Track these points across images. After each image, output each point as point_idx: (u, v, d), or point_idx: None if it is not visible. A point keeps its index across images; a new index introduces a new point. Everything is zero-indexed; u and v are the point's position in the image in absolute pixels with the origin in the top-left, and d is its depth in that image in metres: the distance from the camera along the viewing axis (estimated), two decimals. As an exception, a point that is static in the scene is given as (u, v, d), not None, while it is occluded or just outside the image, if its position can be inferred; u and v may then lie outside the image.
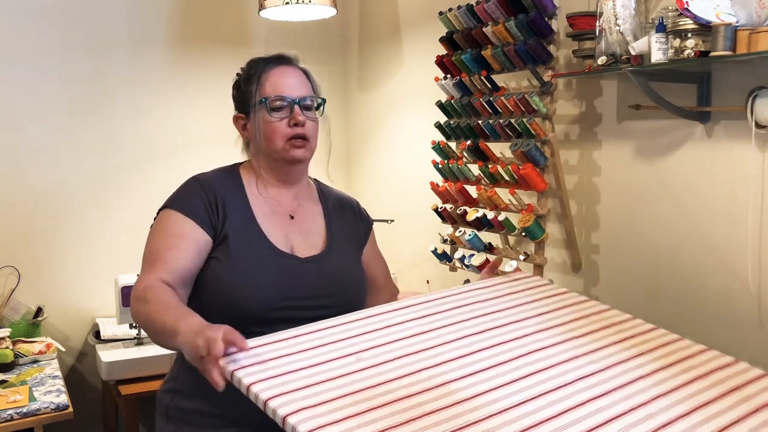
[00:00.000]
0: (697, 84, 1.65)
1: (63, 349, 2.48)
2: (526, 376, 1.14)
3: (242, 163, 1.50)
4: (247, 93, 1.42)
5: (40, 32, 2.55)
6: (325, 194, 1.54)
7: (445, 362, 1.15)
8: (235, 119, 1.47)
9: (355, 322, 1.26)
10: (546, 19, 1.91)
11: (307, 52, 1.47)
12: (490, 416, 1.02)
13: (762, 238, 1.55)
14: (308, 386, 1.05)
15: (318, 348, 1.16)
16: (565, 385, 1.11)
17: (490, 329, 1.28)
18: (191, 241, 1.33)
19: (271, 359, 1.11)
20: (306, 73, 1.46)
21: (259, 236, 1.38)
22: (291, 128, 1.39)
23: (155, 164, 2.69)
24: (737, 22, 1.45)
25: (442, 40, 2.23)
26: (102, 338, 2.47)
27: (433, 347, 1.21)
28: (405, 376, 1.10)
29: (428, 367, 1.14)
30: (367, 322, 1.27)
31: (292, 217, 1.44)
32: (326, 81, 1.50)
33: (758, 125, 1.50)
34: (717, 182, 1.64)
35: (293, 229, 1.43)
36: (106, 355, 2.33)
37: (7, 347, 2.27)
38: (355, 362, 1.13)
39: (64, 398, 2.01)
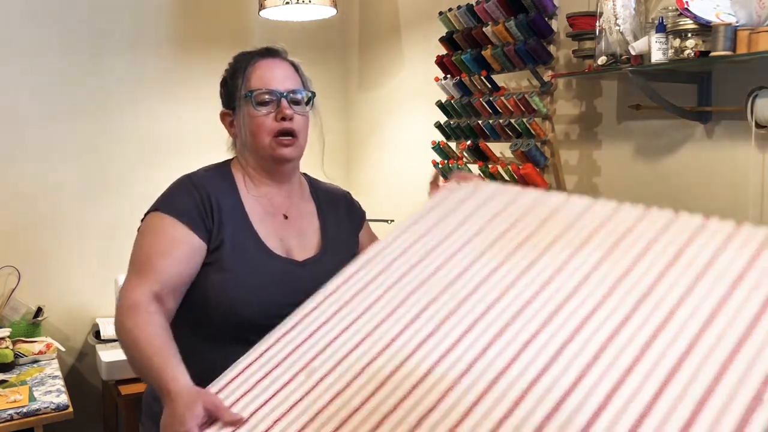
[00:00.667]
0: (697, 84, 1.65)
1: (63, 349, 2.48)
2: (470, 329, 1.05)
3: (232, 159, 1.43)
4: (233, 87, 1.37)
5: (39, 32, 2.55)
6: (316, 190, 1.48)
7: (392, 341, 1.09)
8: (222, 116, 1.41)
9: (296, 328, 1.18)
10: (546, 19, 1.91)
11: (307, 52, 1.46)
12: (451, 388, 0.97)
13: (762, 238, 1.55)
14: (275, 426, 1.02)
15: (271, 373, 1.11)
16: (520, 313, 1.04)
17: (426, 281, 1.18)
18: (184, 247, 1.25)
19: (237, 402, 1.08)
20: (295, 65, 1.40)
21: (255, 241, 1.32)
22: (278, 123, 1.32)
23: (156, 164, 2.68)
24: (737, 22, 1.45)
25: (442, 40, 2.23)
26: (102, 338, 2.47)
27: (374, 329, 1.13)
28: (357, 376, 1.05)
29: (376, 356, 1.08)
30: (307, 322, 1.19)
31: (286, 217, 1.39)
32: (326, 81, 1.50)
33: (758, 125, 1.50)
34: (717, 182, 1.64)
35: (288, 231, 1.38)
36: (106, 355, 2.33)
37: (7, 347, 2.27)
38: (305, 379, 1.08)
39: (64, 398, 2.01)
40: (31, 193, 2.56)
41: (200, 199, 1.30)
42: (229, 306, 1.27)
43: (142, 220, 1.33)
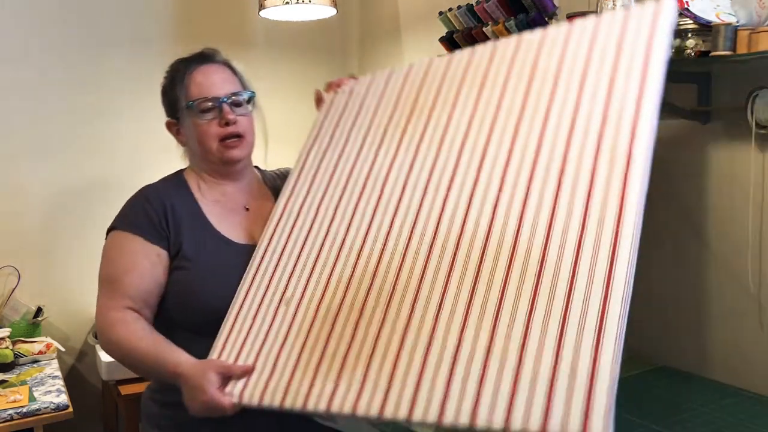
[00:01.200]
0: (697, 84, 1.65)
1: (63, 349, 2.48)
2: (396, 210, 1.19)
3: (186, 168, 1.47)
4: (173, 97, 1.38)
5: (39, 32, 2.55)
6: (268, 180, 1.50)
7: (342, 245, 1.21)
8: (168, 125, 1.43)
9: (257, 274, 1.29)
10: (546, 19, 1.91)
11: (307, 52, 1.47)
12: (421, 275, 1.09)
13: (762, 238, 1.55)
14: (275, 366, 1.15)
15: (255, 319, 1.23)
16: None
17: (347, 184, 1.31)
18: (146, 260, 1.30)
19: (249, 354, 1.20)
20: (230, 66, 1.41)
21: (213, 235, 1.35)
22: (223, 128, 1.34)
23: (156, 163, 2.67)
24: (738, 22, 1.45)
25: (442, 40, 2.23)
26: (102, 338, 2.47)
27: (323, 242, 1.25)
28: (326, 288, 1.18)
29: (334, 263, 1.20)
30: (264, 264, 1.30)
31: (247, 209, 1.41)
32: (326, 81, 1.49)
33: (758, 125, 1.50)
34: (717, 182, 1.64)
35: (253, 221, 1.40)
36: (106, 355, 2.33)
37: (7, 347, 2.27)
38: (286, 309, 1.20)
39: (64, 398, 2.01)
40: (31, 193, 2.56)
41: (153, 210, 1.34)
42: (198, 300, 1.30)
43: (106, 238, 1.38)
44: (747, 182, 1.57)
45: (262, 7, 2.48)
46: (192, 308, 1.30)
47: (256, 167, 1.52)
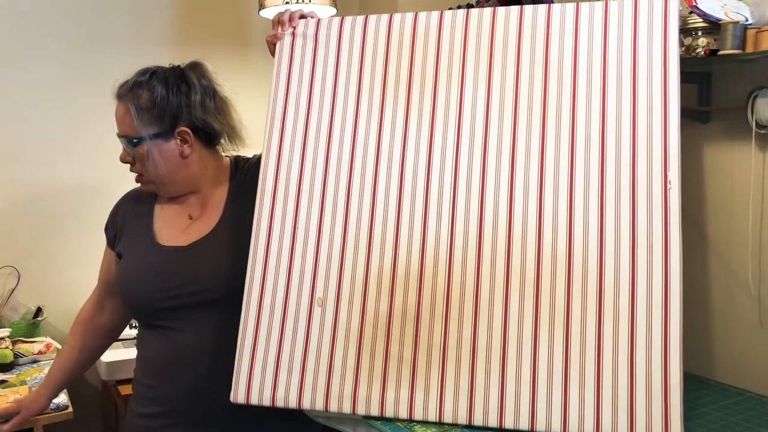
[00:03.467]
0: (698, 84, 1.65)
1: (63, 349, 2.47)
2: (401, 193, 1.20)
3: None
4: None
5: (39, 31, 2.55)
6: (240, 175, 1.48)
7: (370, 234, 1.19)
8: None
9: (267, 277, 1.25)
10: (546, 19, 1.90)
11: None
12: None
13: (762, 238, 1.55)
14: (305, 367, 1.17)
15: (286, 316, 1.21)
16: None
17: (349, 158, 1.27)
18: (105, 258, 1.58)
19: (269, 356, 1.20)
20: (128, 106, 1.38)
21: (147, 238, 1.44)
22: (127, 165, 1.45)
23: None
24: (746, 20, 1.44)
25: (442, 40, 2.23)
26: (102, 338, 2.47)
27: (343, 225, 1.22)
28: (365, 296, 1.17)
29: (365, 265, 1.18)
30: (272, 263, 1.26)
31: (191, 217, 1.45)
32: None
33: (759, 125, 1.50)
34: (717, 182, 1.64)
35: (194, 227, 1.44)
36: (106, 354, 2.32)
37: (6, 347, 2.27)
38: (321, 310, 1.19)
39: (63, 398, 2.01)
40: (31, 193, 2.56)
41: (114, 213, 1.54)
42: (122, 297, 1.47)
43: None
44: (747, 182, 1.57)
45: (262, 7, 2.48)
46: (123, 302, 1.48)
47: (244, 159, 1.52)
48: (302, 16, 1.37)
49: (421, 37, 1.26)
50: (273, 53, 1.39)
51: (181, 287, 1.37)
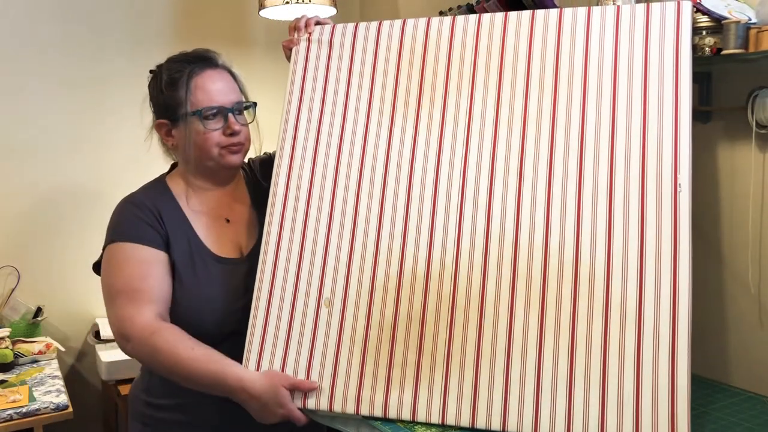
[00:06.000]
0: (698, 84, 1.65)
1: (63, 349, 2.47)
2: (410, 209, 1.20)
3: (167, 174, 1.44)
4: (172, 99, 1.33)
5: (40, 31, 2.55)
6: (250, 177, 1.48)
7: (378, 244, 1.20)
8: (158, 126, 1.39)
9: (276, 280, 1.25)
10: (546, 18, 1.90)
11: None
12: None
13: (762, 238, 1.55)
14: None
15: (292, 324, 1.22)
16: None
17: (361, 170, 1.26)
18: (157, 265, 1.28)
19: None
20: (232, 74, 1.39)
21: (200, 249, 1.33)
22: (227, 137, 1.33)
23: (155, 163, 2.68)
24: (749, 19, 1.43)
25: (442, 40, 2.23)
26: (102, 338, 2.47)
27: (349, 232, 1.22)
28: (371, 299, 1.18)
29: (372, 268, 1.19)
30: (281, 267, 1.26)
31: (228, 220, 1.39)
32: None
33: (759, 125, 1.50)
34: (717, 182, 1.64)
35: (235, 231, 1.39)
36: (106, 355, 2.33)
37: (6, 347, 2.26)
38: (329, 310, 1.20)
39: (63, 398, 2.01)
40: (32, 193, 2.56)
41: (146, 215, 1.31)
42: (184, 318, 1.28)
43: (101, 256, 1.35)
44: (747, 182, 1.57)
45: (262, 6, 2.48)
46: (184, 328, 1.26)
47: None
48: (318, 23, 1.39)
49: (433, 45, 1.28)
50: (288, 58, 1.41)
51: (248, 307, 1.27)
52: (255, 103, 1.40)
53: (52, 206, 2.59)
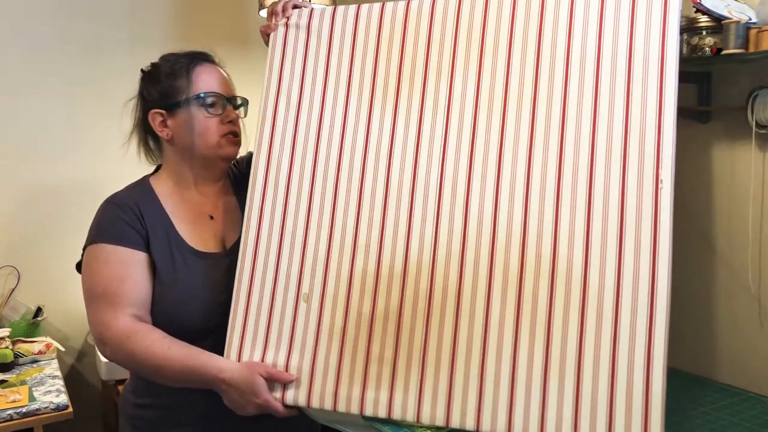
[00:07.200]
0: (697, 84, 1.65)
1: (63, 349, 2.47)
2: (386, 204, 1.17)
3: (152, 174, 1.46)
4: (171, 88, 1.36)
5: (39, 31, 2.55)
6: (235, 174, 1.49)
7: (355, 239, 1.18)
8: (154, 116, 1.40)
9: (256, 269, 1.25)
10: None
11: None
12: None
13: (762, 238, 1.55)
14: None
15: (272, 318, 1.22)
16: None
17: (334, 159, 1.25)
18: (136, 266, 1.28)
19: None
20: (227, 74, 1.43)
21: (177, 242, 1.33)
22: (225, 126, 1.35)
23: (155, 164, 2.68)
24: (750, 19, 1.43)
25: (442, 39, 2.23)
26: (102, 338, 2.46)
27: (323, 229, 1.21)
28: (349, 284, 1.17)
29: (351, 262, 1.17)
30: (261, 256, 1.26)
31: (211, 217, 1.40)
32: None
33: (759, 125, 1.50)
34: (717, 182, 1.64)
35: (219, 227, 1.39)
36: (106, 355, 2.33)
37: (6, 347, 2.26)
38: (307, 306, 1.19)
39: (63, 398, 2.01)
40: (31, 193, 2.56)
41: (127, 216, 1.32)
42: (167, 316, 1.28)
43: (82, 256, 1.35)
44: (747, 182, 1.57)
45: (262, 6, 2.48)
46: (165, 323, 1.28)
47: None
48: (295, 6, 1.37)
49: (412, 29, 1.23)
50: (267, 44, 1.40)
51: (228, 301, 1.29)
52: (247, 101, 1.43)
53: (52, 206, 2.59)
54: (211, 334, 1.30)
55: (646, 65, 1.06)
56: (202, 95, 1.34)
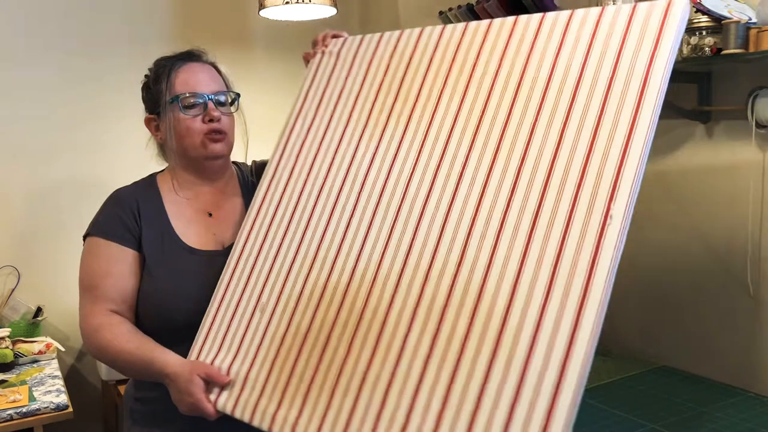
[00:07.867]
0: (698, 84, 1.65)
1: (63, 349, 2.47)
2: (371, 222, 1.15)
3: (161, 171, 1.47)
4: (156, 93, 1.37)
5: (39, 31, 2.55)
6: (245, 178, 1.49)
7: (315, 257, 1.19)
8: (147, 121, 1.42)
9: (234, 274, 1.28)
10: (546, 18, 1.90)
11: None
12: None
13: (762, 238, 1.55)
14: (256, 376, 1.15)
15: (231, 324, 1.23)
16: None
17: (324, 185, 1.26)
18: (123, 263, 1.31)
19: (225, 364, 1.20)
20: (216, 67, 1.42)
21: (172, 240, 1.34)
22: (206, 124, 1.35)
23: (155, 163, 2.68)
24: (750, 19, 1.44)
25: (442, 39, 2.23)
26: (102, 338, 2.47)
27: (297, 249, 1.22)
28: (299, 297, 1.16)
29: (307, 274, 1.17)
30: (241, 264, 1.28)
31: (210, 215, 1.40)
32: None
33: (758, 125, 1.50)
34: (717, 182, 1.64)
35: (219, 227, 1.40)
36: (106, 355, 2.33)
37: (6, 347, 2.27)
38: (260, 316, 1.20)
39: (63, 398, 2.01)
40: (31, 193, 2.56)
41: (124, 212, 1.35)
42: (160, 314, 1.31)
43: (83, 243, 1.38)
44: (747, 182, 1.57)
45: (262, 6, 2.48)
46: (156, 319, 1.30)
47: (234, 163, 1.51)
48: (335, 36, 1.42)
49: (418, 55, 1.25)
50: None
51: None
52: (238, 94, 1.42)
53: (52, 206, 2.59)
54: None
55: (626, 87, 0.97)
56: (176, 97, 1.34)
